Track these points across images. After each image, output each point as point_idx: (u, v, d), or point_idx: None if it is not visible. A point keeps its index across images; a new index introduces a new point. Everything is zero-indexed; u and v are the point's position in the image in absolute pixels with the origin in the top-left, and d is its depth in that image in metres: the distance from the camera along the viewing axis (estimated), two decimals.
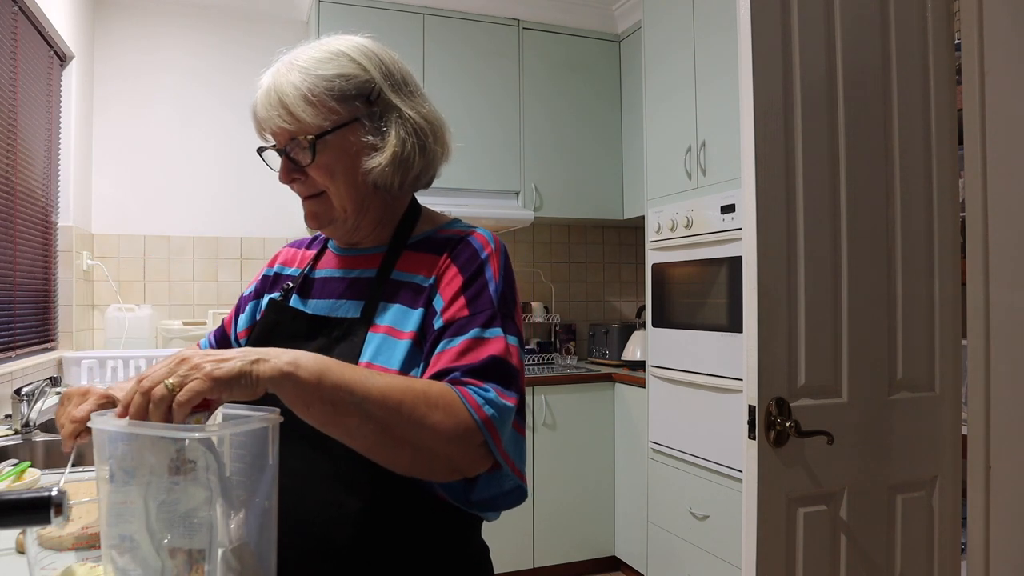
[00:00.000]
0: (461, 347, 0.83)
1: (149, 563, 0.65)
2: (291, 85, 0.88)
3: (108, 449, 0.66)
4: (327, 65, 0.89)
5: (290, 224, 3.51)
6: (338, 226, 0.94)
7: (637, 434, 3.11)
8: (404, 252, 0.94)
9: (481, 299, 0.86)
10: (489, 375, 0.81)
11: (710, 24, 2.61)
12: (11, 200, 2.32)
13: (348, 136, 0.90)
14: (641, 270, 4.12)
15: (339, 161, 0.90)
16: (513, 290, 0.91)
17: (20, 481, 1.32)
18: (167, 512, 0.65)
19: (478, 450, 0.79)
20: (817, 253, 1.44)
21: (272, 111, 0.88)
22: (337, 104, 0.88)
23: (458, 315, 0.85)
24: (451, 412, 0.76)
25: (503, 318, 0.86)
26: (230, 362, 0.67)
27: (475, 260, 0.89)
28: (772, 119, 1.41)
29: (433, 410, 0.75)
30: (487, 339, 0.84)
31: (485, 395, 0.79)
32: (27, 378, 2.28)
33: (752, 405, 1.38)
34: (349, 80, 0.89)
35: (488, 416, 0.78)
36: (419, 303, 0.89)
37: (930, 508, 1.55)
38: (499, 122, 3.46)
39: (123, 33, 3.26)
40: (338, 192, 0.91)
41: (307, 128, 0.88)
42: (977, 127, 1.49)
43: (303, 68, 0.89)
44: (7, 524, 0.66)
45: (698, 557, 2.63)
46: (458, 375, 0.81)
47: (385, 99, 0.91)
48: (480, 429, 0.77)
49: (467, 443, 0.77)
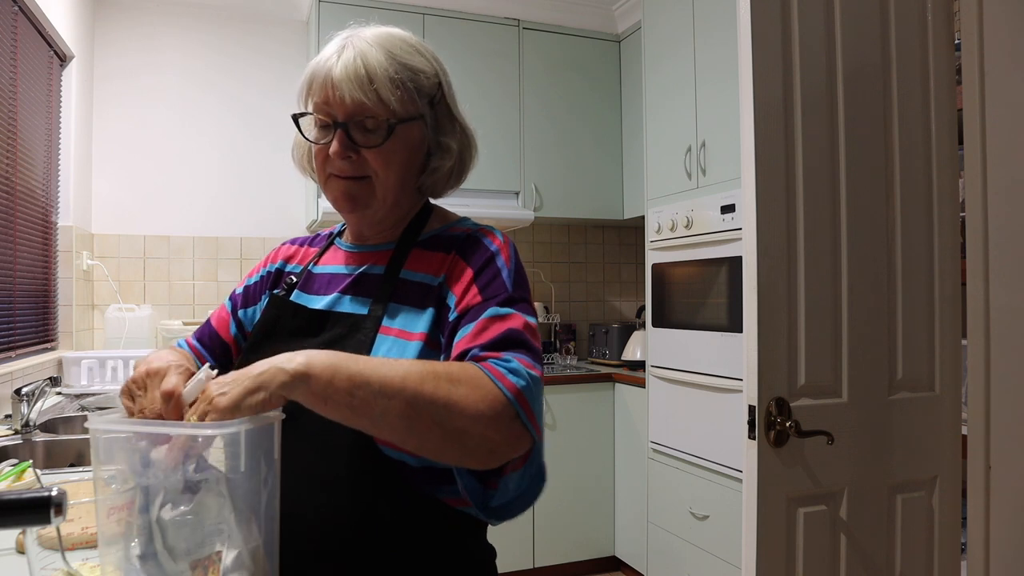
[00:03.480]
0: (478, 327, 0.81)
1: (166, 571, 0.65)
2: (380, 64, 0.86)
3: (123, 449, 0.67)
4: (412, 57, 0.90)
5: (290, 224, 3.51)
6: (369, 213, 0.92)
7: (637, 434, 3.11)
8: (413, 250, 0.93)
9: (494, 285, 0.85)
10: (509, 347, 0.79)
11: (710, 24, 2.61)
12: (11, 200, 2.32)
13: (414, 130, 0.90)
14: (641, 270, 4.12)
15: (400, 152, 0.89)
16: (524, 279, 0.89)
17: (20, 481, 1.32)
18: (182, 527, 0.65)
19: (512, 425, 0.74)
20: (817, 253, 1.44)
21: (356, 83, 0.85)
22: (416, 96, 0.89)
23: (472, 302, 0.83)
24: (476, 385, 0.73)
25: (518, 300, 0.85)
26: (235, 389, 0.67)
27: (484, 253, 0.88)
28: (772, 119, 1.41)
29: (456, 386, 0.72)
30: (504, 316, 0.81)
31: (508, 365, 0.76)
32: (27, 378, 2.28)
33: (752, 405, 1.38)
34: (425, 77, 0.91)
35: (516, 386, 0.74)
36: (428, 303, 0.87)
37: (930, 508, 1.55)
38: (499, 122, 3.46)
39: (123, 33, 3.26)
40: (387, 181, 0.89)
41: (388, 111, 0.86)
42: (977, 127, 1.49)
43: (389, 52, 0.87)
44: (7, 524, 0.66)
45: (698, 557, 2.63)
46: (477, 351, 0.78)
47: (445, 105, 0.94)
48: (511, 402, 0.73)
49: (499, 418, 0.73)
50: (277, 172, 3.47)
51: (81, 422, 2.16)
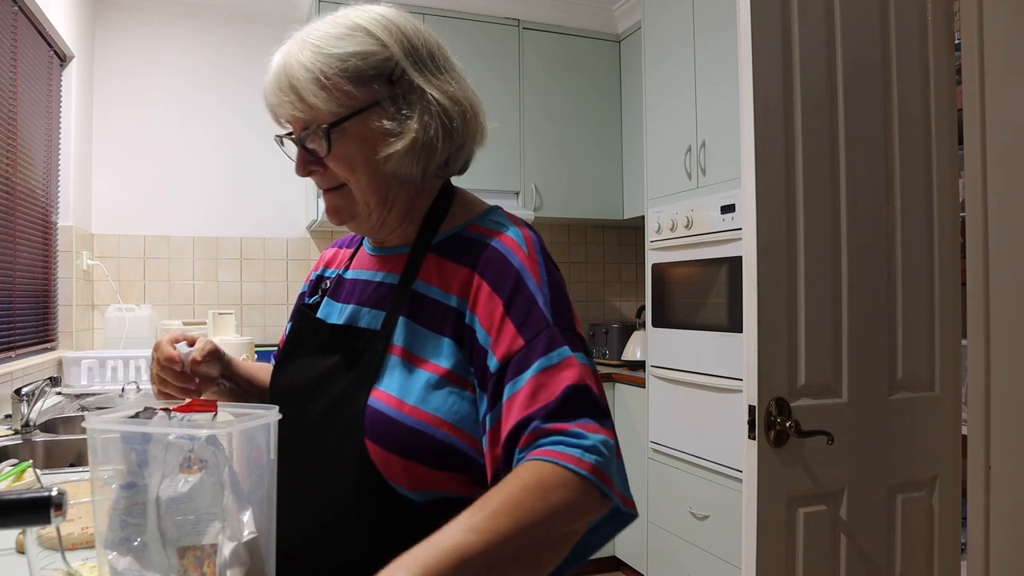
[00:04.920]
0: (530, 387, 0.72)
1: (156, 563, 0.65)
2: (302, 67, 0.79)
3: (121, 449, 0.67)
4: (342, 42, 0.80)
5: (290, 224, 3.51)
6: (361, 222, 0.86)
7: (637, 434, 3.11)
8: (428, 255, 0.85)
9: (532, 319, 0.75)
10: (574, 411, 0.71)
11: (710, 24, 2.61)
12: (11, 200, 2.32)
13: (368, 122, 0.80)
14: (641, 270, 4.12)
15: (359, 151, 0.80)
16: (563, 294, 0.79)
17: (20, 481, 1.33)
18: (178, 511, 0.65)
19: (600, 501, 0.69)
20: (817, 253, 1.44)
21: (283, 97, 0.80)
22: (353, 87, 0.79)
23: (513, 348, 0.74)
24: (559, 485, 0.65)
25: (564, 332, 0.75)
26: None
27: (508, 272, 0.78)
28: (772, 119, 1.41)
29: (549, 495, 0.64)
30: (556, 367, 0.72)
31: (580, 443, 0.68)
32: (27, 378, 2.28)
33: (752, 405, 1.38)
34: (366, 59, 0.80)
35: (592, 464, 0.68)
36: (446, 329, 0.79)
37: (930, 508, 1.55)
38: (499, 122, 3.42)
39: (123, 33, 3.26)
40: (359, 185, 0.82)
41: (321, 116, 0.79)
42: (977, 127, 1.49)
43: (315, 46, 0.80)
44: (7, 524, 0.66)
45: (698, 557, 2.63)
46: (539, 424, 0.70)
47: (408, 79, 0.82)
48: (593, 483, 0.67)
49: (589, 504, 0.68)
50: (277, 172, 3.47)
51: (81, 422, 2.16)
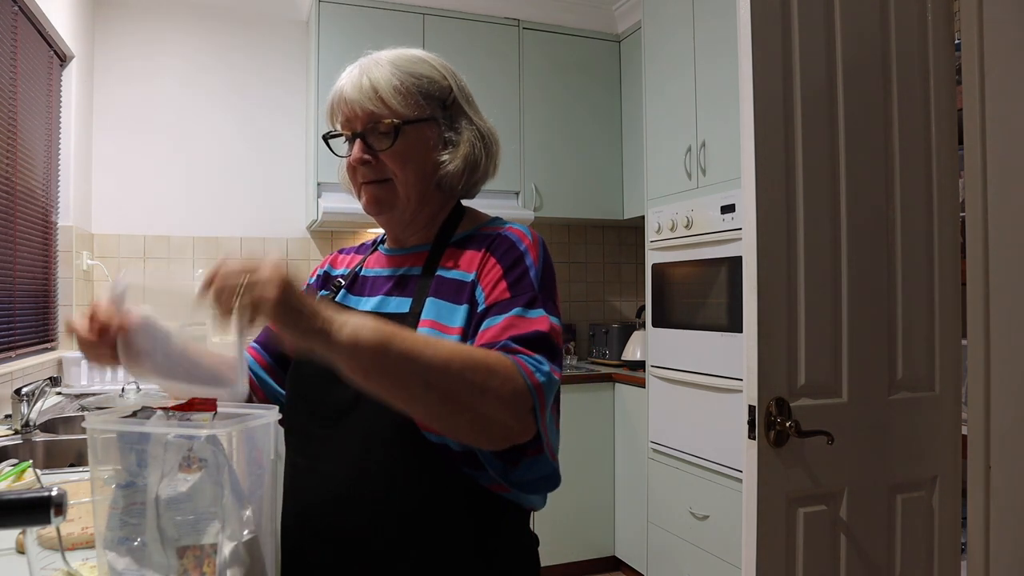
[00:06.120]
0: (505, 323, 0.87)
1: (156, 563, 0.65)
2: (383, 73, 0.95)
3: (120, 448, 0.67)
4: (415, 65, 0.98)
5: (290, 224, 3.51)
6: (396, 215, 0.99)
7: (637, 434, 3.11)
8: (448, 249, 0.99)
9: (522, 283, 0.91)
10: (537, 347, 0.85)
11: (710, 24, 2.61)
12: (11, 200, 2.32)
13: (426, 131, 0.97)
14: (641, 270, 4.12)
15: (414, 151, 0.96)
16: (552, 278, 0.96)
17: (20, 481, 1.33)
18: (178, 511, 0.65)
19: (527, 416, 0.82)
20: (817, 253, 1.44)
21: (363, 93, 0.94)
22: (422, 99, 0.97)
23: (500, 297, 0.89)
24: (508, 378, 0.80)
25: (544, 300, 0.91)
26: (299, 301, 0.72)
27: (514, 251, 0.94)
28: (772, 119, 1.41)
29: (492, 376, 0.79)
30: (531, 317, 0.88)
31: (538, 365, 0.83)
32: (27, 378, 2.28)
33: (752, 405, 1.38)
34: (432, 82, 0.99)
35: (539, 382, 0.82)
36: (463, 299, 0.93)
37: (930, 508, 1.55)
38: (499, 122, 3.37)
39: (123, 33, 3.26)
40: (406, 180, 0.96)
41: (394, 113, 0.94)
42: (977, 127, 1.49)
43: (392, 64, 0.97)
44: (7, 524, 0.66)
45: (698, 557, 2.63)
46: (508, 343, 0.84)
47: (458, 106, 1.01)
48: (531, 394, 0.81)
49: (519, 408, 0.81)
50: (277, 172, 3.47)
51: (80, 422, 2.16)
